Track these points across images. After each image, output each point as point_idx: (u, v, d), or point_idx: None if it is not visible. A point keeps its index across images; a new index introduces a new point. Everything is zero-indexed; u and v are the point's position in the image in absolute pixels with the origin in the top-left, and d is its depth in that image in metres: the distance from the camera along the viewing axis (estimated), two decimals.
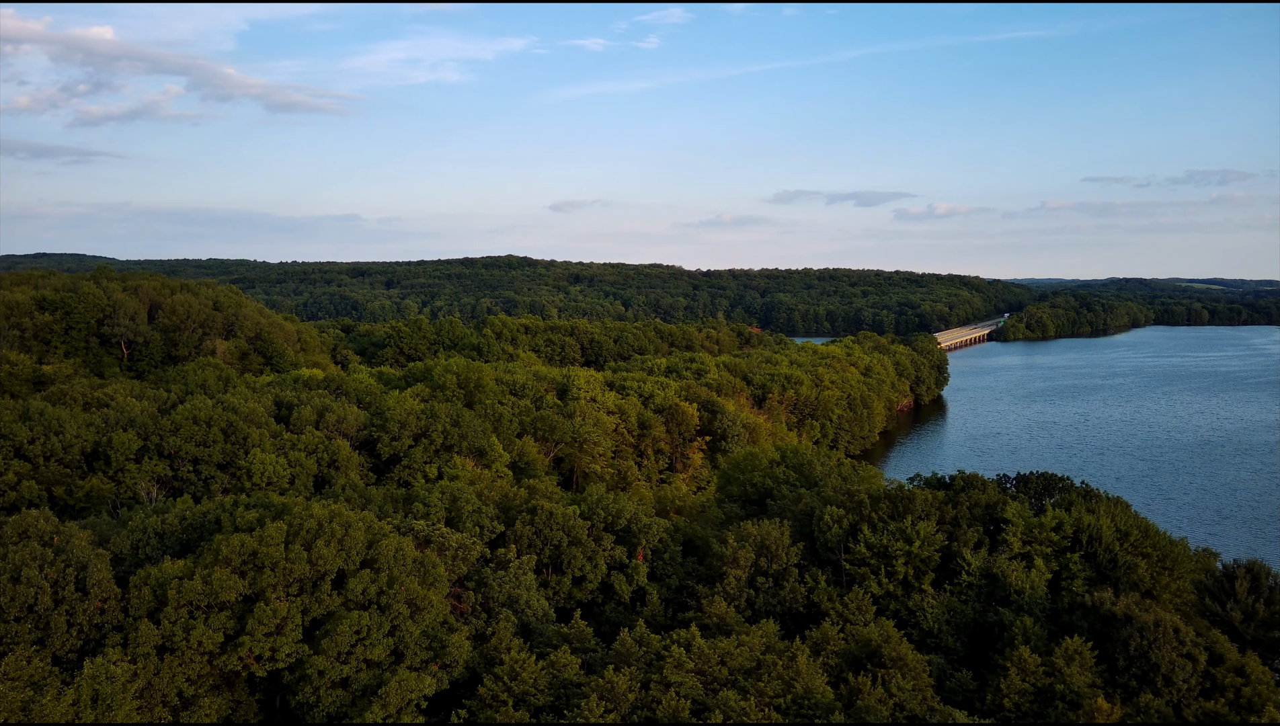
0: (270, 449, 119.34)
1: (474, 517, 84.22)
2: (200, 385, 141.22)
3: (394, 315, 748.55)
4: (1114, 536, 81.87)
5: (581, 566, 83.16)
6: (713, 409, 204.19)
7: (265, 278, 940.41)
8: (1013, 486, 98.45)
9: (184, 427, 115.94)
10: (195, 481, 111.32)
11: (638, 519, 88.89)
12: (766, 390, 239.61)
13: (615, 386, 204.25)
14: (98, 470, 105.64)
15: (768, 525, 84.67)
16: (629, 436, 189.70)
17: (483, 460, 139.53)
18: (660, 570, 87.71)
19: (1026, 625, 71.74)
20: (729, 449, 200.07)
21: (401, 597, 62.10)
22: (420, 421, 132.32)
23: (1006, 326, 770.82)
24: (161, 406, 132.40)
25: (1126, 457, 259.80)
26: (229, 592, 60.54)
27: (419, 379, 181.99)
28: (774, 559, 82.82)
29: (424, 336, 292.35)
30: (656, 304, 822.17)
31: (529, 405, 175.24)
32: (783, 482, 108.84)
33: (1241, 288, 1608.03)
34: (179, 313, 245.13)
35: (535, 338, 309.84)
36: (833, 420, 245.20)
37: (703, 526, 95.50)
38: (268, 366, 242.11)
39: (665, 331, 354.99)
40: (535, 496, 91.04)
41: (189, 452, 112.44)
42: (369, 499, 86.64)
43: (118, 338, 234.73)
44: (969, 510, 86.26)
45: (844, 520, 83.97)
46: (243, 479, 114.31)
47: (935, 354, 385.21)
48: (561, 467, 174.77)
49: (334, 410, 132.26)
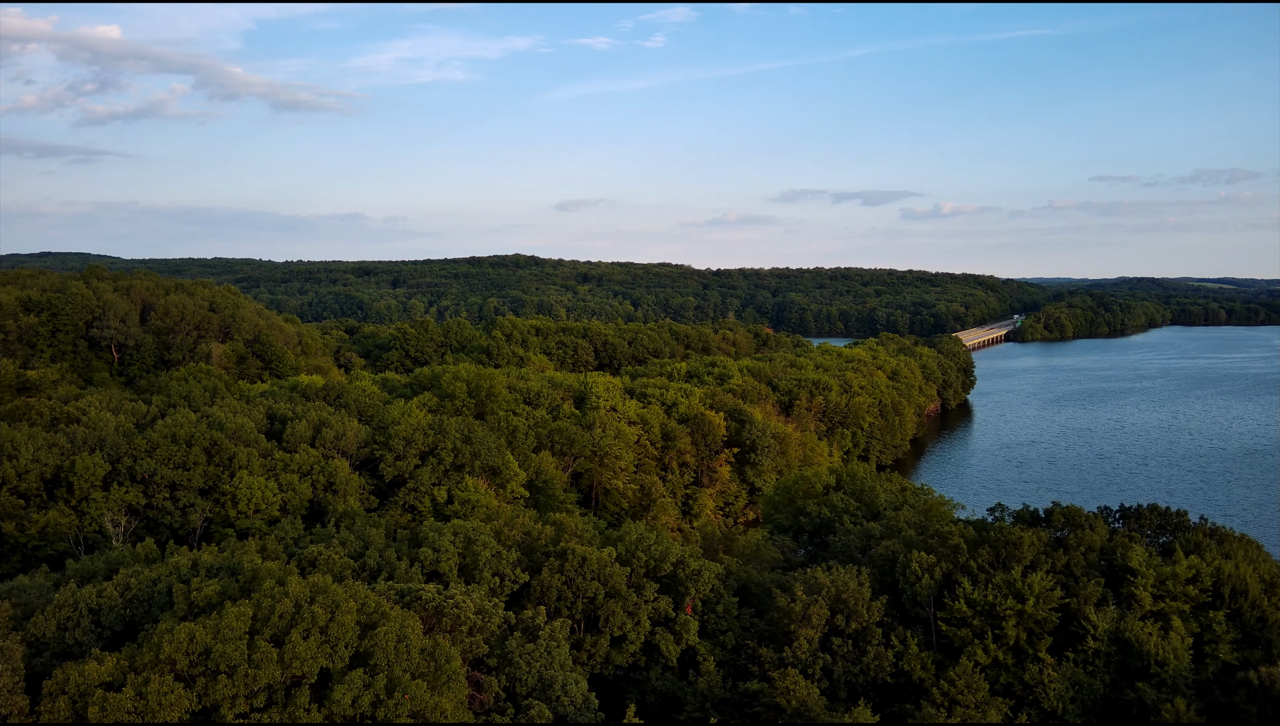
0: (259, 470, 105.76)
1: (493, 564, 70.51)
2: (184, 397, 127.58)
3: (400, 315, 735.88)
4: (1261, 589, 68.04)
5: (622, 624, 69.39)
6: (740, 418, 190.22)
7: (270, 277, 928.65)
8: (1117, 521, 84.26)
9: (161, 447, 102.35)
10: (172, 510, 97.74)
11: (685, 563, 75.12)
12: (793, 396, 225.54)
13: (636, 394, 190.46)
14: (59, 499, 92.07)
15: (843, 574, 70.82)
16: (652, 449, 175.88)
17: (496, 479, 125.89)
18: (713, 625, 73.91)
19: (1179, 709, 58.00)
20: (759, 461, 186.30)
21: (405, 711, 47.32)
22: (428, 438, 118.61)
23: (1024, 327, 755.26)
24: (140, 421, 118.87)
25: (1172, 468, 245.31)
26: (171, 711, 45.60)
27: (426, 387, 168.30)
28: (852, 616, 68.98)
29: (431, 338, 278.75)
30: (666, 304, 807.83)
31: (545, 416, 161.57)
32: (842, 512, 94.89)
33: (1253, 287, 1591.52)
34: (172, 314, 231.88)
35: (547, 340, 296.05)
36: (864, 428, 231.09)
37: (758, 569, 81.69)
38: (266, 370, 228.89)
39: (680, 333, 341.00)
40: (564, 535, 77.31)
41: (165, 477, 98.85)
42: (368, 541, 72.96)
43: (107, 341, 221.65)
44: (1083, 556, 72.23)
45: (935, 569, 70.10)
46: (227, 506, 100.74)
47: (961, 356, 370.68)
48: (580, 483, 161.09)
49: (332, 425, 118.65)
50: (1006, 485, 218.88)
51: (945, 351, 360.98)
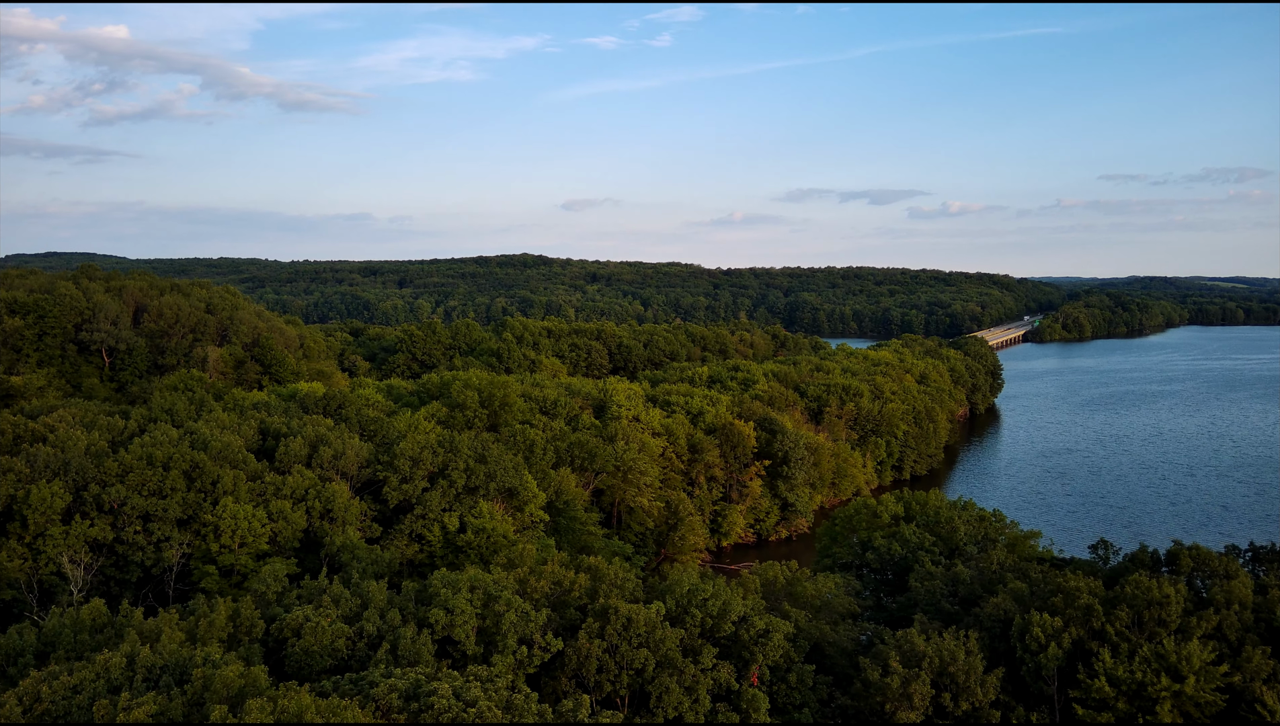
0: (246, 497, 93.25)
1: (518, 628, 57.84)
2: (167, 410, 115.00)
3: (407, 315, 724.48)
4: None
5: (678, 702, 56.60)
6: (771, 428, 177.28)
7: (276, 277, 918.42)
8: (1251, 563, 71.23)
9: (135, 471, 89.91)
10: (144, 545, 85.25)
11: (749, 621, 62.35)
12: (822, 403, 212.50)
13: (659, 402, 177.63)
14: (11, 535, 79.61)
15: (948, 641, 58.01)
16: (678, 462, 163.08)
17: (514, 501, 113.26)
18: (784, 698, 61.16)
19: None
20: (791, 474, 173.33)
21: None
22: (437, 457, 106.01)
23: (1042, 327, 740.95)
24: (116, 438, 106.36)
25: (1222, 478, 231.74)
26: None
27: (435, 395, 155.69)
28: (962, 693, 56.27)
29: (439, 341, 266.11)
30: (676, 304, 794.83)
31: (563, 427, 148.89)
32: (916, 547, 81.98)
33: (1266, 286, 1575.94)
34: (166, 316, 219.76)
35: (559, 342, 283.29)
36: (898, 437, 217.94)
37: (830, 622, 68.79)
38: (266, 375, 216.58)
39: (697, 335, 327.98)
40: (602, 587, 64.59)
41: (137, 506, 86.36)
42: (367, 599, 60.39)
43: (97, 344, 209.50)
44: (1236, 616, 59.36)
45: (1063, 636, 57.36)
46: (208, 539, 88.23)
47: (989, 358, 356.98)
48: (601, 501, 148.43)
49: (330, 443, 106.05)
50: (1051, 499, 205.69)
51: (972, 353, 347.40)
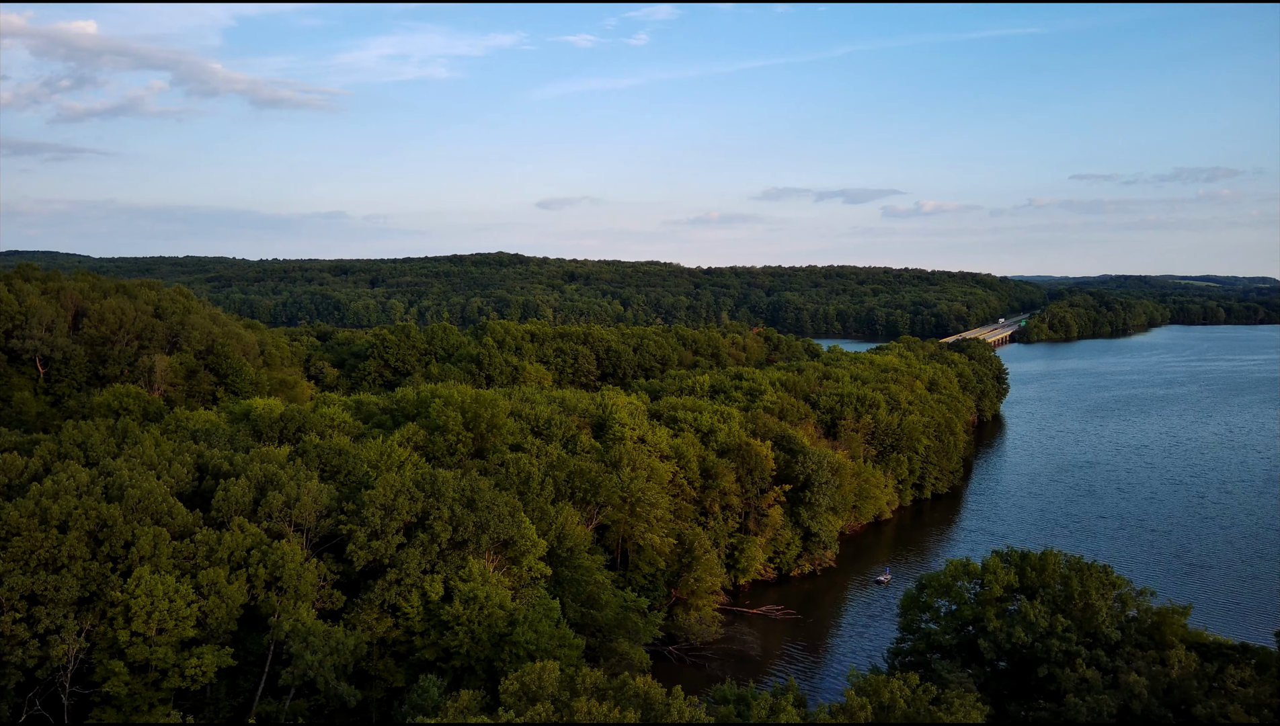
0: (169, 564, 72.60)
1: None
2: (80, 444, 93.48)
3: (379, 315, 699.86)
4: None
5: None
6: (790, 447, 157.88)
7: (243, 276, 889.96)
8: None
9: (21, 534, 69.07)
10: (26, 640, 64.40)
11: None
12: (836, 415, 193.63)
13: (663, 417, 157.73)
14: None
15: None
16: (689, 489, 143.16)
17: (509, 553, 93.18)
18: None
19: None
20: (814, 500, 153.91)
21: None
22: (415, 503, 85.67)
23: (1029, 327, 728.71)
24: (12, 481, 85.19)
25: (1261, 495, 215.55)
26: None
27: (411, 415, 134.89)
28: None
29: (413, 346, 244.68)
30: (657, 303, 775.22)
31: (560, 452, 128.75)
32: (1046, 634, 62.82)
33: (1237, 285, 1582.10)
34: (109, 321, 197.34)
35: (543, 347, 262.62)
36: (919, 452, 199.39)
37: None
38: (221, 386, 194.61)
39: (688, 338, 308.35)
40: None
41: (20, 586, 65.55)
42: None
43: (30, 353, 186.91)
44: None
45: None
46: (116, 625, 67.55)
47: (994, 362, 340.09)
48: (606, 538, 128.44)
49: (282, 486, 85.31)
50: (1088, 523, 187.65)
51: (976, 356, 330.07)
